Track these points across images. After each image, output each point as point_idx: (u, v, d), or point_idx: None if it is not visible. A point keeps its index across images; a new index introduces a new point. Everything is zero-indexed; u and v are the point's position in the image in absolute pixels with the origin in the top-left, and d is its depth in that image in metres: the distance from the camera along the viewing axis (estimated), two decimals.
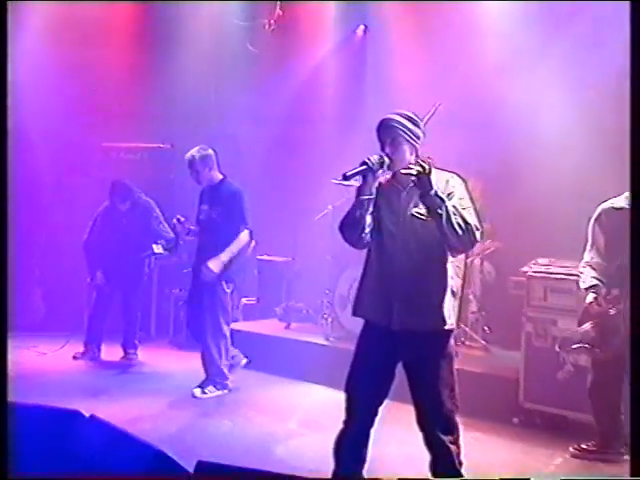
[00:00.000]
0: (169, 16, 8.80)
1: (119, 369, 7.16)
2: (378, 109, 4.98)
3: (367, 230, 3.87)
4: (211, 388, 6.28)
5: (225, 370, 6.34)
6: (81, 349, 7.55)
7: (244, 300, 8.42)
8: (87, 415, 4.03)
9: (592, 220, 5.02)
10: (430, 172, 3.68)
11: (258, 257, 8.51)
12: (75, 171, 8.63)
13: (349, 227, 3.90)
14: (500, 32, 7.10)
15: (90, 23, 8.73)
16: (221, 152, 8.77)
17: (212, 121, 8.80)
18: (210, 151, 6.33)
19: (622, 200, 4.89)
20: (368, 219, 3.85)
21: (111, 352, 7.57)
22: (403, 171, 3.78)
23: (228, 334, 6.37)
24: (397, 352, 3.93)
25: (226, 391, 6.36)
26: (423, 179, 3.67)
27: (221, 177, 6.39)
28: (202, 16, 8.88)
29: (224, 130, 8.82)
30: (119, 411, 5.58)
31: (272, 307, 8.16)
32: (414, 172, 3.68)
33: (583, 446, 5.11)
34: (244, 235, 6.15)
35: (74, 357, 7.49)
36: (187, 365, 7.20)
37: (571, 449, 5.13)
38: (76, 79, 8.47)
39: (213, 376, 6.29)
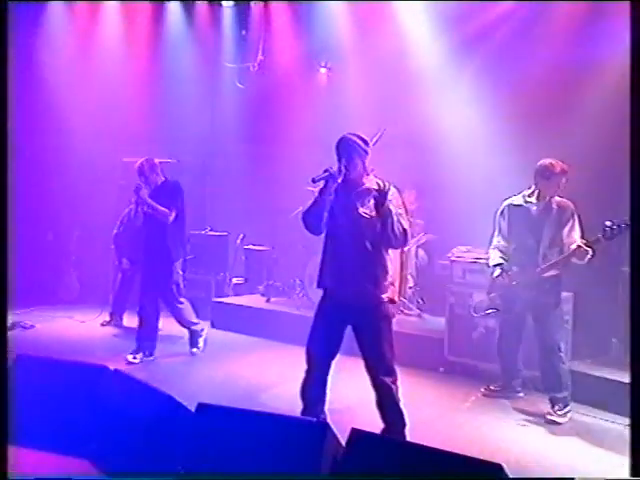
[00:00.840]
0: (178, 60, 8.78)
1: None
2: (337, 131, 5.01)
3: (324, 221, 3.90)
4: (200, 340, 6.27)
5: (194, 319, 6.30)
6: (107, 318, 7.53)
7: (234, 280, 8.36)
8: (112, 369, 4.07)
9: (498, 213, 5.04)
10: (389, 190, 3.83)
11: (245, 247, 8.48)
12: (102, 180, 8.54)
13: (312, 218, 3.92)
14: (428, 68, 7.18)
15: (116, 64, 8.71)
16: (216, 164, 8.83)
17: (209, 141, 8.77)
18: (156, 160, 6.06)
19: (519, 198, 4.93)
20: (325, 214, 3.88)
21: (131, 320, 7.54)
22: (374, 186, 3.89)
23: (184, 300, 6.23)
24: (346, 318, 3.95)
25: (206, 330, 6.41)
26: (382, 194, 3.82)
27: (163, 179, 6.06)
28: (203, 60, 8.86)
29: (219, 147, 8.80)
30: (137, 366, 5.59)
31: (256, 285, 8.11)
32: (381, 187, 3.84)
33: (491, 387, 5.22)
34: (172, 216, 5.87)
35: (102, 324, 7.47)
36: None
37: (482, 390, 5.24)
38: (104, 107, 8.41)
39: (191, 328, 6.27)
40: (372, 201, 3.87)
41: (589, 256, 4.47)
